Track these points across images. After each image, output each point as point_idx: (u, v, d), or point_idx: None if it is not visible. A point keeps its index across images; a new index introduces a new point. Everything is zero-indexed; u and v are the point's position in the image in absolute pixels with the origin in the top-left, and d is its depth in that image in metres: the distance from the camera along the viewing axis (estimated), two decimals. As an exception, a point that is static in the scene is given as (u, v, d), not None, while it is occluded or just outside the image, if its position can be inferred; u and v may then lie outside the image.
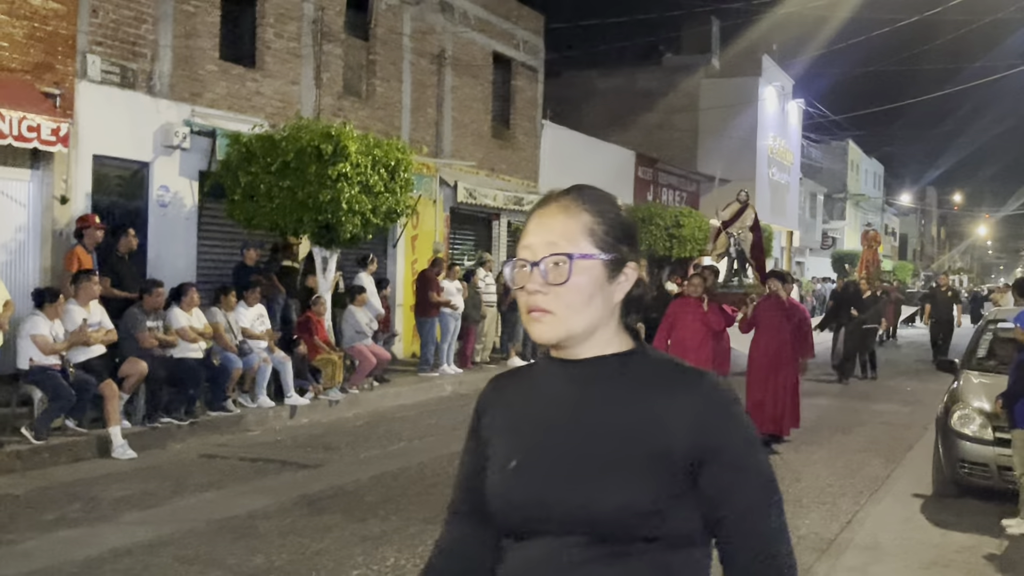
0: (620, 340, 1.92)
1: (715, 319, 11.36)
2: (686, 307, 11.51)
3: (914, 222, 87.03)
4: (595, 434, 1.82)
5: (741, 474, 1.82)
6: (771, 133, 40.10)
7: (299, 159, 12.54)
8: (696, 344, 11.17)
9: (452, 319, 16.40)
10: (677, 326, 11.36)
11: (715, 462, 1.80)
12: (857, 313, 18.98)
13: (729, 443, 1.82)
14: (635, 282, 1.94)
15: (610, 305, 1.89)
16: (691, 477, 1.80)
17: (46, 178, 11.96)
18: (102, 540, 6.86)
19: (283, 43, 15.85)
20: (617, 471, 1.78)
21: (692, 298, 11.53)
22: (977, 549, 7.31)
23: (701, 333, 11.25)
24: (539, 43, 24.33)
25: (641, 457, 1.79)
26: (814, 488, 9.20)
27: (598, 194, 1.95)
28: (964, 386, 9.22)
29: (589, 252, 1.86)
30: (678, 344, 11.30)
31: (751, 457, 1.85)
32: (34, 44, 11.74)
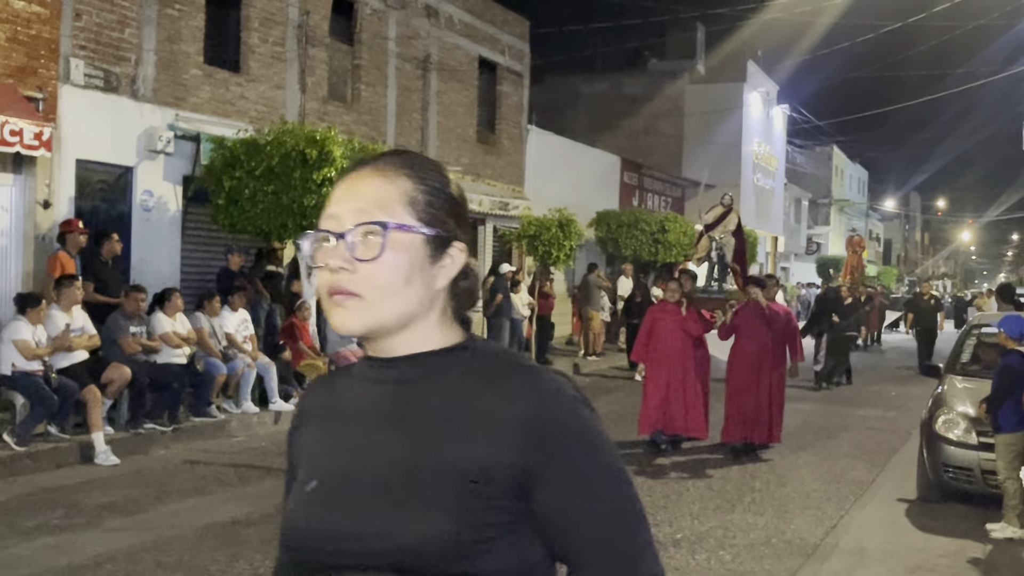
0: (444, 334, 1.61)
1: (693, 324, 11.21)
2: (664, 312, 11.39)
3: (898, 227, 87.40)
4: (402, 450, 1.52)
5: (588, 493, 1.50)
6: (756, 138, 40.22)
7: (284, 164, 12.50)
8: (677, 350, 11.07)
9: None
10: (656, 332, 11.22)
11: (554, 479, 1.48)
12: (838, 319, 18.81)
13: (571, 455, 1.50)
14: (463, 269, 1.64)
15: (431, 291, 1.58)
16: (523, 499, 1.49)
17: (29, 182, 11.88)
18: (84, 547, 6.80)
19: (268, 47, 15.81)
20: (423, 495, 1.48)
21: (670, 303, 11.41)
22: (961, 553, 7.33)
23: (680, 339, 11.11)
24: (524, 48, 24.34)
25: (452, 477, 1.48)
26: (799, 493, 9.21)
27: (423, 160, 1.67)
28: (948, 391, 9.25)
29: (408, 223, 1.55)
30: (658, 350, 11.18)
31: (601, 471, 1.52)
32: (16, 48, 11.67)
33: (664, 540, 7.40)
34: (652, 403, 11.06)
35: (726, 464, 10.48)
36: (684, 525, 7.90)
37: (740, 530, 7.79)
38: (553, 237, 19.52)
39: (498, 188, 22.63)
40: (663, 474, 9.95)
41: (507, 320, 18.04)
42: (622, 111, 36.83)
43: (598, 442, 1.53)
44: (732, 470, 10.16)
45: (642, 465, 10.28)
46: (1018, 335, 8.07)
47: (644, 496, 8.69)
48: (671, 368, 11.04)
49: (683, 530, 7.74)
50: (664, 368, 11.09)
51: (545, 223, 19.65)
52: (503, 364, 1.58)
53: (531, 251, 19.98)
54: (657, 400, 11.01)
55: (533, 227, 19.63)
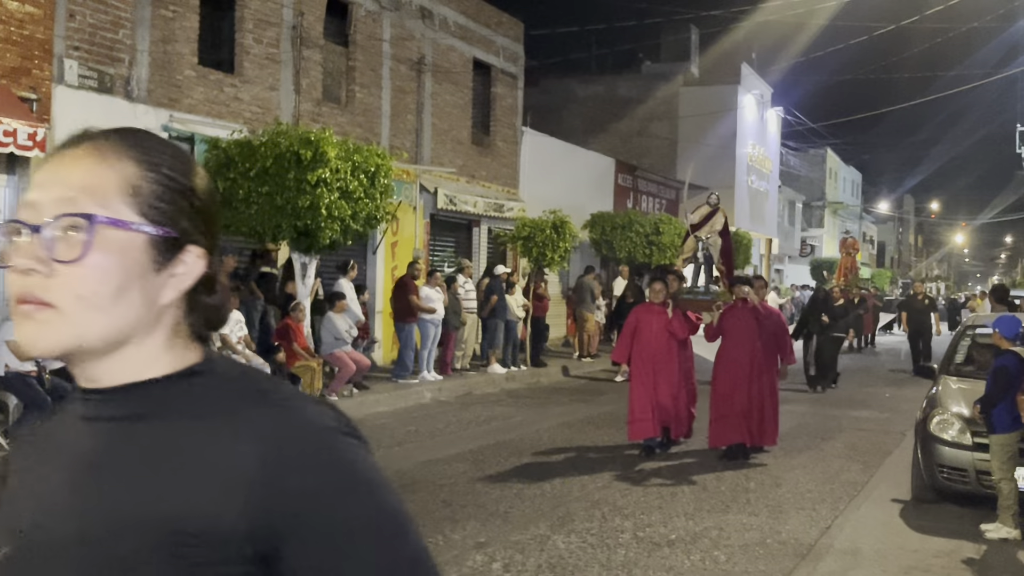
0: (173, 357, 1.28)
1: (679, 326, 10.99)
2: (649, 314, 11.14)
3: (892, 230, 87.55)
4: (107, 505, 1.19)
5: (349, 554, 1.19)
6: (750, 141, 40.28)
7: (278, 165, 12.49)
8: (662, 353, 10.91)
9: (432, 325, 16.34)
10: (640, 333, 11.00)
11: (302, 539, 1.17)
12: (828, 320, 18.48)
13: (324, 506, 1.18)
14: (203, 280, 1.30)
15: (154, 306, 1.25)
16: (261, 565, 1.18)
17: (22, 183, 11.86)
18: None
19: (262, 49, 15.80)
20: (127, 561, 1.16)
21: (655, 304, 11.17)
22: (956, 554, 7.33)
23: (665, 341, 10.92)
24: (519, 50, 24.35)
25: (164, 538, 1.16)
26: (793, 494, 9.21)
27: (159, 142, 1.33)
28: (943, 391, 9.25)
29: (125, 218, 1.23)
30: (642, 352, 10.98)
31: (367, 522, 1.21)
32: (10, 48, 11.65)
33: (659, 540, 7.40)
34: (639, 408, 10.83)
35: (719, 466, 10.47)
36: (678, 525, 7.89)
37: (735, 530, 7.79)
38: (547, 239, 19.53)
39: (492, 190, 22.63)
40: (658, 474, 9.94)
41: (502, 322, 18.03)
42: (616, 113, 36.87)
43: (363, 486, 1.21)
44: (726, 471, 10.16)
45: (636, 466, 10.27)
46: (1013, 335, 8.08)
47: (639, 495, 8.72)
48: (657, 370, 10.86)
49: (677, 530, 7.73)
50: (650, 371, 10.90)
51: (539, 225, 19.65)
52: (242, 394, 1.25)
53: (525, 253, 19.99)
54: (646, 404, 10.79)
55: (527, 229, 19.63)
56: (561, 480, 9.43)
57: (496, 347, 18.10)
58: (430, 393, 15.54)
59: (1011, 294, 14.64)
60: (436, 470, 9.83)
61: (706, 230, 12.94)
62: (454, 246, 21.85)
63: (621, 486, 9.33)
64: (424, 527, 7.54)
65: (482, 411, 14.15)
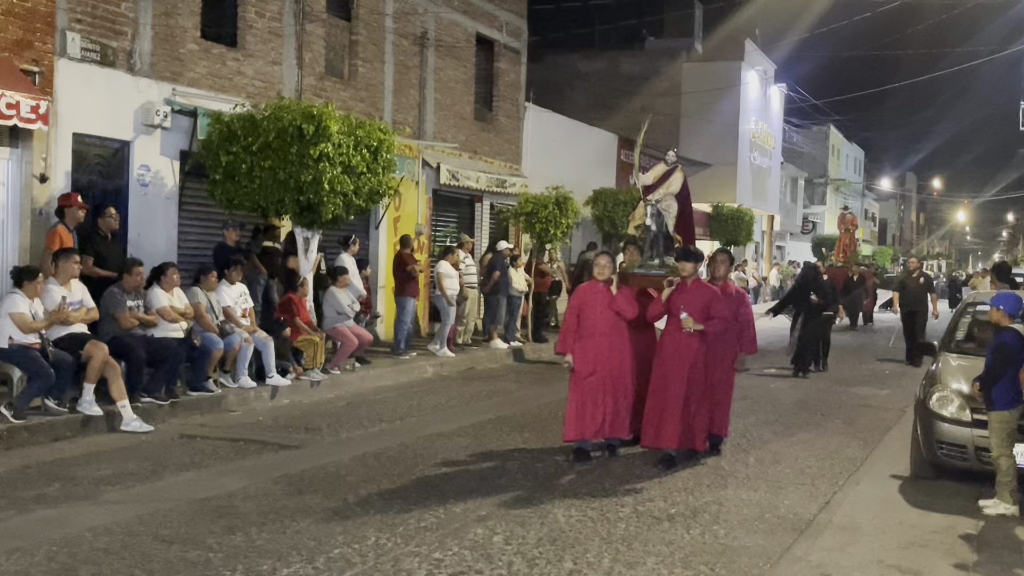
0: None
1: (626, 306, 9.45)
2: (594, 293, 9.58)
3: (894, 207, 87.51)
4: None
5: None
6: (753, 117, 40.17)
7: (281, 139, 12.47)
8: (606, 336, 9.39)
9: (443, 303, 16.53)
10: (584, 316, 9.50)
11: None
12: (816, 299, 17.18)
13: None
14: None
15: None
16: None
17: (25, 156, 11.86)
18: (81, 519, 6.83)
19: (265, 22, 15.74)
20: None
21: (600, 282, 9.61)
22: (954, 529, 7.39)
23: (610, 324, 9.42)
24: (522, 25, 24.25)
25: None
26: (793, 470, 9.26)
27: None
28: (943, 368, 9.29)
29: None
30: (584, 338, 9.44)
31: None
32: (12, 21, 11.61)
33: (658, 515, 7.45)
34: (577, 403, 9.42)
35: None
36: (678, 500, 7.94)
37: (734, 505, 7.84)
38: (550, 215, 19.52)
39: (495, 166, 22.60)
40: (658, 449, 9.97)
41: (504, 297, 18.07)
42: (620, 89, 36.74)
43: None
44: (726, 445, 10.19)
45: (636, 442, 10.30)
46: (1016, 312, 8.10)
47: (640, 470, 8.81)
48: (598, 358, 9.36)
49: (677, 505, 7.78)
50: (590, 359, 9.39)
51: (542, 201, 19.64)
52: None
53: (528, 229, 19.99)
54: (585, 400, 9.38)
55: (530, 205, 19.63)
56: (562, 455, 9.48)
57: (498, 323, 18.15)
58: (432, 368, 15.59)
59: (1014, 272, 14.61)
60: (438, 444, 9.88)
61: (660, 192, 10.77)
62: (456, 222, 21.84)
63: (622, 461, 9.37)
64: (426, 500, 7.60)
65: (484, 386, 14.20)
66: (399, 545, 6.44)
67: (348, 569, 5.93)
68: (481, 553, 6.33)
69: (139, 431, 9.94)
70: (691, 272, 9.48)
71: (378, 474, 8.49)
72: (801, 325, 17.35)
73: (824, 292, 17.44)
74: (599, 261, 9.77)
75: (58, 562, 5.90)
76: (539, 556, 6.32)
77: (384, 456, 9.27)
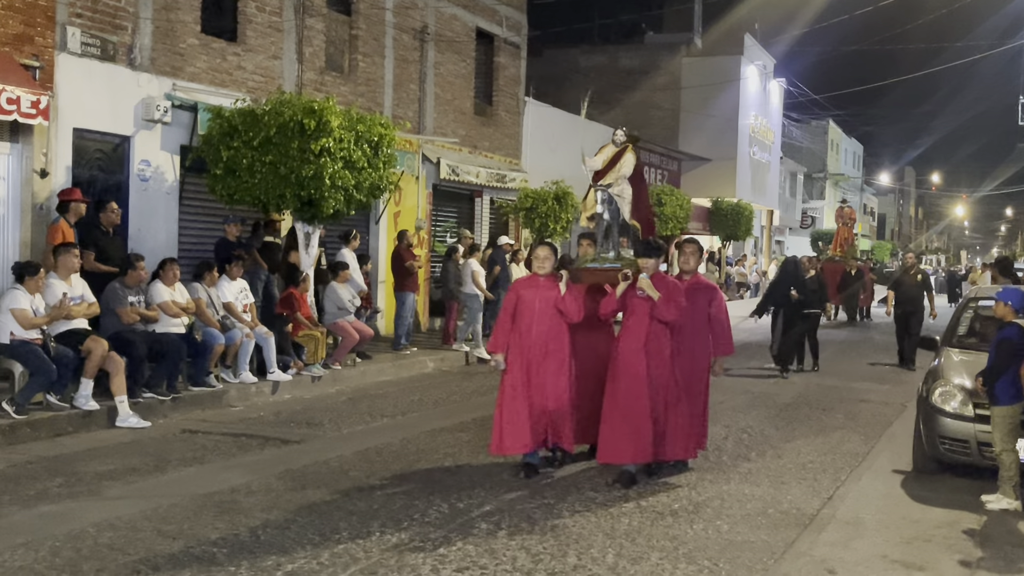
0: None
1: (571, 306, 8.30)
2: (533, 289, 8.46)
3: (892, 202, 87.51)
4: None
5: None
6: (752, 112, 40.15)
7: (281, 134, 12.46)
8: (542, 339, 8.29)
9: (477, 300, 16.70)
10: (520, 315, 8.39)
11: None
12: (797, 295, 15.92)
13: None
14: None
15: None
16: None
17: (26, 151, 11.84)
18: (84, 515, 6.83)
19: (265, 17, 15.71)
20: None
21: (541, 278, 8.50)
22: (957, 524, 7.39)
23: (551, 324, 8.32)
24: (522, 19, 24.23)
25: None
26: (795, 465, 9.26)
27: None
28: (945, 363, 9.28)
29: None
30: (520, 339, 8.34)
31: None
32: (12, 15, 11.59)
33: (661, 510, 7.45)
34: (509, 412, 8.26)
35: (722, 434, 10.49)
36: (681, 495, 7.94)
37: (736, 500, 7.84)
38: (550, 210, 19.54)
39: (495, 160, 22.59)
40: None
41: (504, 292, 18.04)
42: (619, 84, 36.72)
43: None
44: (727, 441, 10.21)
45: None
46: (1022, 307, 8.09)
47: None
48: (537, 362, 8.27)
49: (680, 500, 7.78)
50: (523, 363, 8.29)
51: (542, 195, 19.65)
52: None
53: (528, 223, 19.99)
54: (518, 408, 8.22)
55: (530, 199, 19.65)
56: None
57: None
58: (432, 363, 15.59)
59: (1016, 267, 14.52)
60: (440, 439, 9.88)
61: (611, 176, 9.46)
62: (456, 216, 21.83)
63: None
64: (430, 496, 7.59)
65: (485, 381, 14.20)
66: (404, 540, 6.44)
67: (353, 564, 5.93)
68: (485, 548, 6.33)
69: (136, 427, 9.92)
70: (654, 268, 8.36)
71: (381, 469, 8.49)
72: (783, 323, 15.97)
73: (805, 288, 16.19)
74: (538, 253, 8.66)
75: (62, 557, 5.89)
76: (543, 551, 6.31)
77: (387, 451, 9.27)
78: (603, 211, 9.44)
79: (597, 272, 8.97)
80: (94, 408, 9.91)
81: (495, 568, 5.97)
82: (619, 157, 9.56)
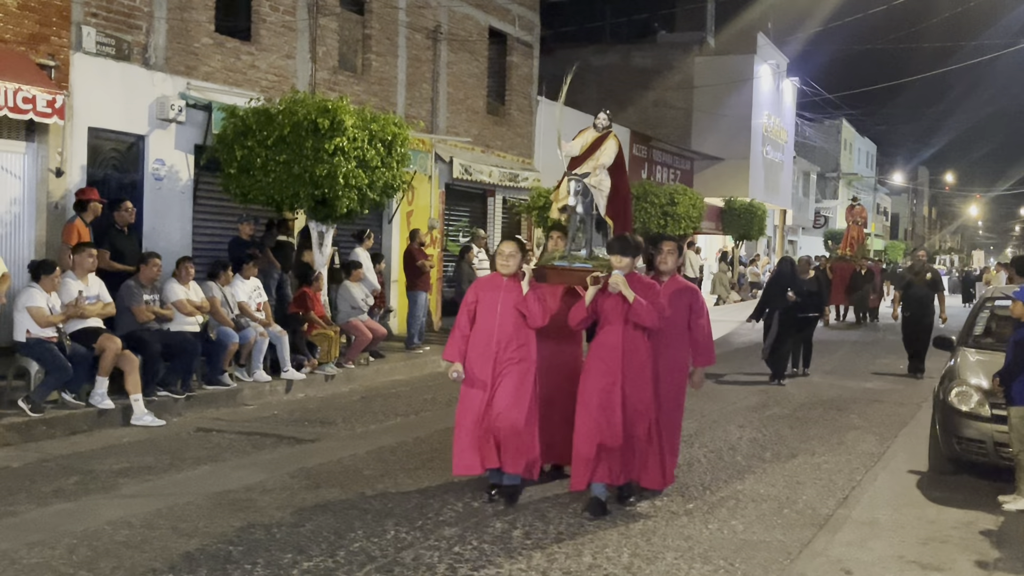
0: None
1: (535, 309, 7.39)
2: (492, 290, 7.56)
3: (906, 202, 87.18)
4: None
5: None
6: (765, 111, 40.05)
7: (295, 133, 12.47)
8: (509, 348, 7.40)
9: None
10: (480, 316, 7.54)
11: None
12: (794, 296, 14.92)
13: None
14: None
15: None
16: None
17: (41, 150, 11.88)
18: (100, 513, 6.85)
19: (278, 16, 15.74)
20: None
21: (505, 278, 7.58)
22: (974, 525, 7.35)
23: (515, 328, 7.43)
24: (534, 19, 24.22)
25: None
26: (809, 464, 9.23)
27: None
28: (961, 363, 9.24)
29: None
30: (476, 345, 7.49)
31: None
32: (28, 15, 11.63)
33: (676, 510, 7.43)
34: (465, 427, 7.48)
35: (736, 435, 10.48)
36: (695, 495, 7.92)
37: (751, 500, 7.82)
38: (563, 209, 19.43)
39: (507, 160, 22.58)
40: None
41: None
42: (631, 83, 36.70)
43: None
44: (742, 440, 10.18)
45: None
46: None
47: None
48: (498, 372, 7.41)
49: (695, 499, 7.77)
50: (483, 373, 7.45)
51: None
52: None
53: (540, 223, 19.97)
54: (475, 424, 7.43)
55: (542, 199, 19.60)
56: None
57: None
58: (445, 362, 15.56)
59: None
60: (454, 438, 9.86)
61: (589, 164, 8.38)
62: (469, 216, 21.83)
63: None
64: (445, 495, 7.59)
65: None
66: (419, 539, 6.44)
67: (369, 563, 5.93)
68: (501, 547, 6.33)
69: (151, 425, 9.97)
70: (628, 268, 7.31)
71: (395, 468, 8.49)
72: (777, 325, 14.95)
73: (801, 290, 15.13)
74: (502, 249, 7.67)
75: (79, 555, 5.91)
76: (558, 551, 6.31)
77: (400, 450, 9.27)
78: (576, 203, 8.31)
79: (565, 272, 8.02)
80: (109, 406, 9.95)
81: (511, 567, 5.96)
82: (599, 143, 8.43)
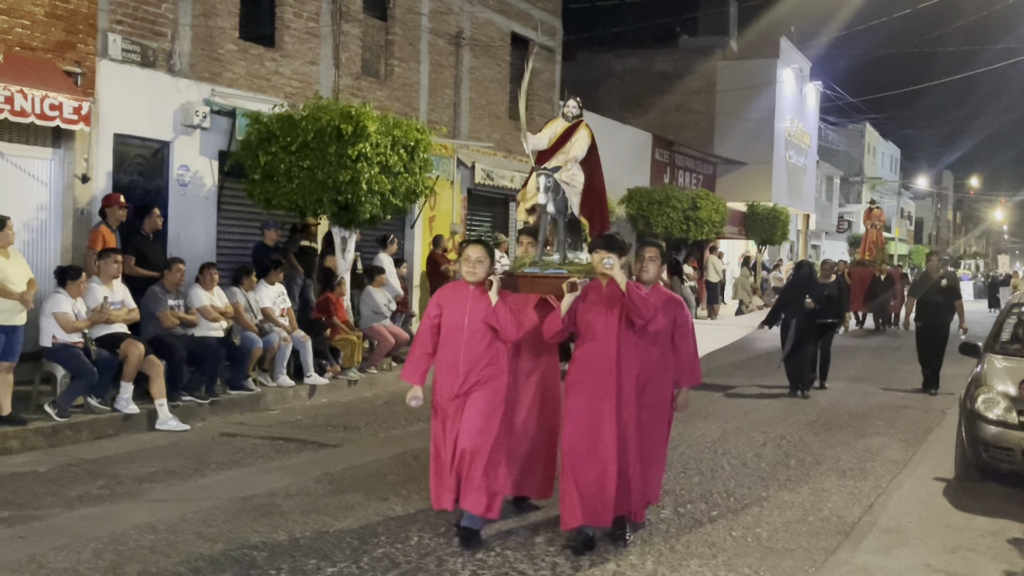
0: None
1: (506, 321, 6.51)
2: (457, 300, 6.71)
3: (930, 206, 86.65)
4: None
5: None
6: (788, 115, 39.89)
7: (319, 139, 12.52)
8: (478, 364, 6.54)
9: None
10: (445, 328, 6.68)
11: None
12: (811, 303, 14.10)
13: None
14: None
15: None
16: None
17: (67, 157, 11.97)
18: (126, 517, 6.89)
19: (302, 23, 15.80)
20: None
21: (471, 286, 6.69)
22: (1002, 533, 7.29)
23: (486, 345, 6.57)
24: (557, 24, 24.22)
25: None
26: (834, 471, 9.18)
27: None
28: (988, 370, 9.16)
29: None
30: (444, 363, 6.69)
31: None
32: (55, 23, 11.73)
33: (699, 516, 7.40)
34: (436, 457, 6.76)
35: (759, 441, 10.43)
36: (719, 502, 7.89)
37: (776, 507, 7.78)
38: (585, 214, 19.41)
39: (529, 165, 22.53)
40: (698, 449, 9.90)
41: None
42: (654, 88, 36.64)
43: None
44: (766, 447, 10.14)
45: (675, 443, 10.22)
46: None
47: (678, 471, 8.73)
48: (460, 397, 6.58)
49: (718, 507, 7.74)
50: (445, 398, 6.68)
51: (577, 200, 19.53)
52: None
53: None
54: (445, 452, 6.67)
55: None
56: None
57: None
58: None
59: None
60: (476, 444, 9.86)
61: (559, 158, 7.58)
62: (491, 221, 21.84)
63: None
64: (467, 500, 7.57)
65: (520, 386, 14.16)
66: (442, 545, 6.44)
67: (393, 568, 5.94)
68: (524, 553, 6.32)
69: (175, 430, 10.03)
70: (609, 269, 6.45)
71: (419, 473, 8.49)
72: (795, 334, 14.16)
73: (820, 295, 14.38)
74: (468, 254, 6.72)
75: (105, 559, 5.94)
76: (582, 558, 6.29)
77: (423, 455, 9.23)
78: (546, 201, 7.44)
79: (537, 280, 7.18)
80: (134, 411, 10.01)
81: (534, 573, 5.96)
82: (570, 135, 7.67)
